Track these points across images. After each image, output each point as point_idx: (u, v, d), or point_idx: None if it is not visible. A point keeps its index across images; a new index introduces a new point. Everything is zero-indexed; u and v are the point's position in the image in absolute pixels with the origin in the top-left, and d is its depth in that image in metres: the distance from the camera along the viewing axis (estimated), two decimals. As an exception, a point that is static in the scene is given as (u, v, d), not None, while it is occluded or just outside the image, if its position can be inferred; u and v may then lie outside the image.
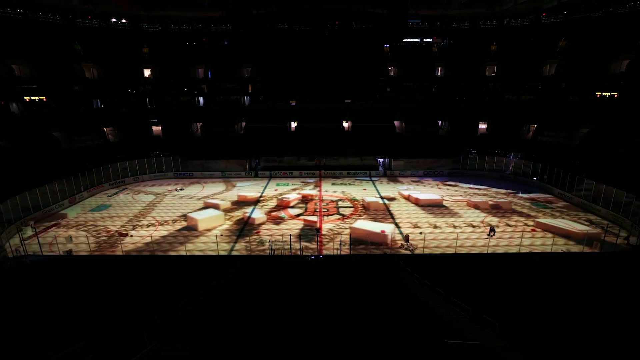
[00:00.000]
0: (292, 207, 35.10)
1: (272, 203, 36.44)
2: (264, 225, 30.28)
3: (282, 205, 35.30)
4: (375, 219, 31.21)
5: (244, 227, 29.88)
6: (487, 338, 12.49)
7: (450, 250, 25.02)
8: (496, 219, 30.83)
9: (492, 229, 27.14)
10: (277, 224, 30.60)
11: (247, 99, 59.98)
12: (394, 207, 34.79)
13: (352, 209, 34.49)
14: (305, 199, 37.46)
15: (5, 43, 45.30)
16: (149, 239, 26.96)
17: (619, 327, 13.31)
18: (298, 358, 11.83)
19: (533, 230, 28.45)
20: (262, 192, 40.52)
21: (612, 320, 13.88)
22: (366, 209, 34.00)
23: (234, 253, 25.41)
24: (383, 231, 26.30)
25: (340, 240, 25.01)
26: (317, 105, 56.67)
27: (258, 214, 31.88)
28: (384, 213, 33.04)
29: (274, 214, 32.75)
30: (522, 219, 30.99)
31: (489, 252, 24.71)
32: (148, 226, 30.18)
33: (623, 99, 43.63)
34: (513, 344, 12.10)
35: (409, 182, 44.87)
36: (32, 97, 47.33)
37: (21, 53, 46.46)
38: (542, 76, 51.99)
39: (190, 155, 48.70)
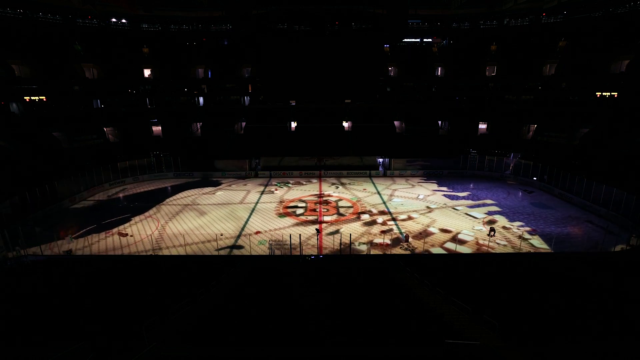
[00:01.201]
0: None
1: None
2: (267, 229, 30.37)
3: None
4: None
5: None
6: (487, 338, 12.48)
7: (450, 250, 25.05)
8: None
9: (492, 229, 27.17)
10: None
11: (247, 99, 59.98)
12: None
13: (351, 208, 34.59)
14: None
15: (5, 43, 45.30)
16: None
17: (619, 327, 13.30)
18: (298, 358, 11.82)
19: (533, 230, 28.49)
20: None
21: (613, 320, 13.87)
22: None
23: (234, 253, 25.46)
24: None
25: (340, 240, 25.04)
26: (317, 105, 56.72)
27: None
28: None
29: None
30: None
31: (488, 251, 24.73)
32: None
33: (623, 99, 43.63)
34: (513, 344, 12.10)
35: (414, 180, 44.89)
36: (32, 97, 47.30)
37: (21, 53, 46.44)
38: (542, 76, 51.96)
39: (190, 155, 48.70)
